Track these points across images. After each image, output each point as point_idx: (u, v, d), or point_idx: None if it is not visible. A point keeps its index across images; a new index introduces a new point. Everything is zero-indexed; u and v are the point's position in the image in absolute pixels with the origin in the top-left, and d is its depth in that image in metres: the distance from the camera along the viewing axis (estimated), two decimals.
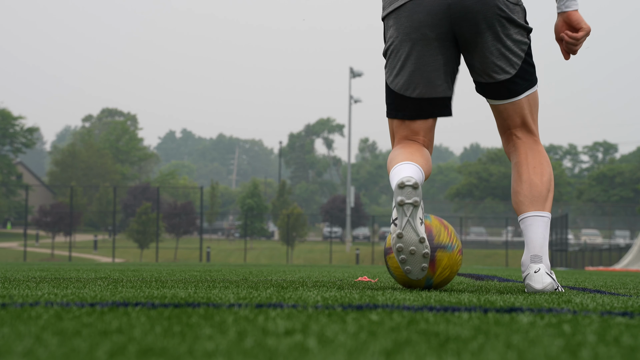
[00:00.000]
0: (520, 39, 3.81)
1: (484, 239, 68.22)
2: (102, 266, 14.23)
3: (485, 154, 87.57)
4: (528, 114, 3.91)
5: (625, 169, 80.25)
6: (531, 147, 3.92)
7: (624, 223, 75.49)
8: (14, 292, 3.29)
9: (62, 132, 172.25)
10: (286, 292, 3.40)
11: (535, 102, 3.92)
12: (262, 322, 1.96)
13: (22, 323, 1.90)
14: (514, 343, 1.63)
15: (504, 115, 3.94)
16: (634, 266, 31.19)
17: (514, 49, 3.80)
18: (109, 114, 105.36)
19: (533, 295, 3.48)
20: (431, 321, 2.04)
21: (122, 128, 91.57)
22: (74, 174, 79.11)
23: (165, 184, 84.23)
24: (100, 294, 3.18)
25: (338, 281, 4.99)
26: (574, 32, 3.91)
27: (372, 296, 3.15)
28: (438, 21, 3.71)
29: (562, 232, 46.60)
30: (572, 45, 3.90)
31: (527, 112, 3.91)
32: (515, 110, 3.90)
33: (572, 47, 3.90)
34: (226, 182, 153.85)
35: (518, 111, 3.90)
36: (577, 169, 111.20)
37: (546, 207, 3.83)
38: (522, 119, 3.91)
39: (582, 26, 3.87)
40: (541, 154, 3.92)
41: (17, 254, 51.37)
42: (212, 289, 3.66)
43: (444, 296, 3.24)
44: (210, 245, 59.75)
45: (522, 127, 3.94)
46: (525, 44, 3.83)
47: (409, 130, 3.87)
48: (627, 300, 3.21)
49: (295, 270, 9.80)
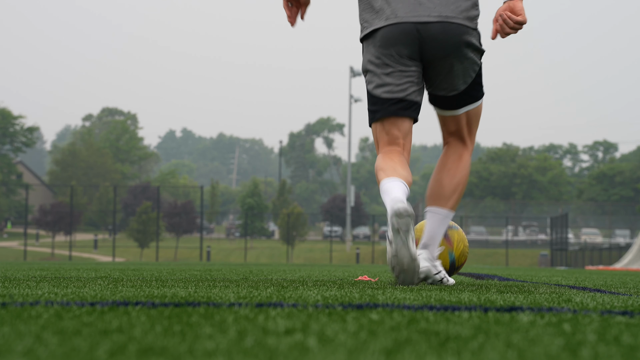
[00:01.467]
0: (474, 61, 4.28)
1: (484, 238, 68.22)
2: (102, 265, 14.23)
3: (485, 153, 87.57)
4: (464, 125, 4.43)
5: (625, 168, 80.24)
6: (456, 152, 4.45)
7: (624, 222, 75.48)
8: (14, 291, 3.29)
9: (62, 131, 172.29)
10: (286, 292, 3.40)
11: (475, 115, 4.42)
12: (263, 322, 1.96)
13: (22, 322, 1.90)
14: (514, 342, 1.63)
15: (444, 121, 4.50)
16: (634, 265, 31.19)
17: (468, 70, 4.28)
18: (109, 113, 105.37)
19: (533, 295, 3.48)
20: (431, 320, 2.04)
21: (122, 127, 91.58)
22: (74, 173, 79.12)
23: (165, 184, 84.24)
24: (100, 293, 3.18)
25: (338, 280, 4.99)
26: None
27: (373, 295, 3.15)
28: (410, 41, 4.22)
29: (562, 232, 46.60)
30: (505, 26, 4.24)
31: (464, 124, 4.43)
32: (454, 120, 4.44)
33: (505, 27, 4.25)
34: (226, 182, 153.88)
35: (456, 121, 4.43)
36: (577, 168, 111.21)
37: (447, 205, 4.38)
38: (458, 128, 4.45)
39: (522, 14, 4.26)
40: (462, 161, 4.43)
41: (17, 253, 51.38)
42: (212, 288, 3.66)
43: (444, 295, 3.24)
44: (211, 244, 59.77)
45: (455, 135, 4.48)
46: (477, 65, 4.31)
47: (390, 135, 4.31)
48: (627, 300, 3.21)
49: (296, 270, 9.80)
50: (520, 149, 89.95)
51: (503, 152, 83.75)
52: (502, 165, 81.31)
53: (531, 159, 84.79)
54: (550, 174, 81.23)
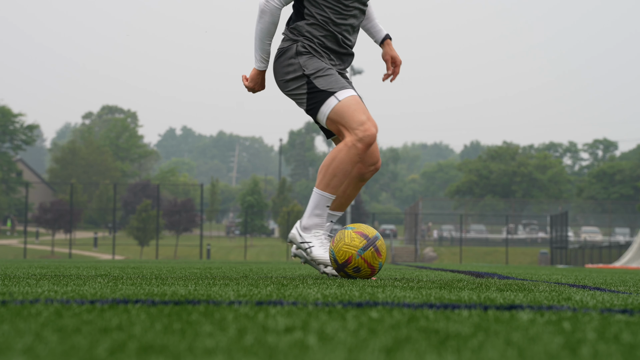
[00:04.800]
0: (298, 92, 4.96)
1: (484, 236, 68.20)
2: (102, 263, 14.23)
3: (485, 151, 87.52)
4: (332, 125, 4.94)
5: (625, 167, 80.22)
6: (338, 146, 4.92)
7: (623, 220, 75.49)
8: (14, 289, 3.29)
9: (62, 129, 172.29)
10: (286, 290, 3.40)
11: (336, 114, 4.87)
12: (262, 320, 1.96)
13: (22, 320, 1.90)
14: (514, 340, 1.63)
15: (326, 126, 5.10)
16: (634, 263, 31.19)
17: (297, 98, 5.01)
18: (109, 111, 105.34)
19: (533, 293, 3.48)
20: (431, 319, 2.04)
21: (122, 125, 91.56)
22: (74, 171, 79.11)
23: (165, 181, 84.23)
24: (100, 291, 3.18)
25: (338, 278, 4.99)
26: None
27: (372, 293, 3.15)
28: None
29: (562, 230, 46.60)
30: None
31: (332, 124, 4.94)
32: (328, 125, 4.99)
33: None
34: (226, 180, 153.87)
35: (329, 125, 4.98)
36: (577, 166, 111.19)
37: (320, 186, 4.92)
38: (336, 130, 4.98)
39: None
40: (339, 149, 4.88)
41: (17, 251, 51.39)
42: (212, 287, 3.66)
43: (444, 294, 3.24)
44: (211, 242, 59.77)
45: (339, 134, 5.01)
46: (303, 88, 4.93)
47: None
48: (626, 298, 3.21)
49: (296, 268, 9.80)
50: (520, 147, 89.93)
51: (503, 150, 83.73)
52: (502, 164, 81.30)
53: (531, 157, 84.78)
54: (550, 172, 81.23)
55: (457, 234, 63.91)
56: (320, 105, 4.91)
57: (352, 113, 4.85)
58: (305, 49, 4.97)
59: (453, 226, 70.08)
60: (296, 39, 5.01)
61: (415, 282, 4.65)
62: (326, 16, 4.95)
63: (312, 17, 4.98)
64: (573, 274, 9.40)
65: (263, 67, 5.19)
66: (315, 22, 4.98)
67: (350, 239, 4.83)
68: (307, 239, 5.00)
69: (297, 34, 5.01)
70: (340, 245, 4.84)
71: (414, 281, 4.74)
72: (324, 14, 4.95)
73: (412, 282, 4.63)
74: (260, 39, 5.07)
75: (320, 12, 4.96)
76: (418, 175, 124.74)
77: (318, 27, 4.98)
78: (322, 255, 4.99)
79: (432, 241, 65.66)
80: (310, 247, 5.00)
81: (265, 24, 5.05)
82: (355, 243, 4.81)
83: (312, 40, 4.98)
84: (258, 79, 5.21)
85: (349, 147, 4.85)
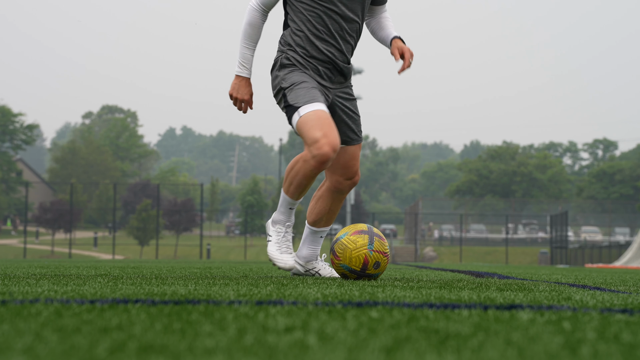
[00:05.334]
0: (281, 106, 4.93)
1: (484, 236, 68.20)
2: (102, 263, 14.23)
3: (485, 151, 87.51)
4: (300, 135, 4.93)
5: (625, 166, 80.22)
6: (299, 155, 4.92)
7: (623, 220, 75.47)
8: (14, 288, 3.29)
9: (62, 129, 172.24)
10: (286, 289, 3.40)
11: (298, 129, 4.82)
12: (262, 319, 1.96)
13: (22, 320, 1.90)
14: (513, 340, 1.63)
15: None
16: (634, 263, 31.19)
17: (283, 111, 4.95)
18: (109, 110, 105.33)
19: (533, 293, 3.49)
20: (431, 318, 2.04)
21: (122, 125, 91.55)
22: (74, 171, 79.11)
23: (165, 181, 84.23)
24: (100, 291, 3.18)
25: (338, 278, 4.99)
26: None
27: (372, 293, 3.15)
28: None
29: (562, 230, 46.59)
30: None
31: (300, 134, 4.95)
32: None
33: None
34: (226, 179, 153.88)
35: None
36: (577, 166, 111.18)
37: (284, 188, 5.04)
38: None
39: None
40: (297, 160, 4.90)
41: (17, 251, 51.39)
42: (212, 286, 3.66)
43: (444, 293, 3.24)
44: (210, 242, 59.78)
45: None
46: (282, 102, 4.91)
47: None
48: (626, 298, 3.21)
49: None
50: (520, 147, 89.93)
51: (503, 150, 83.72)
52: (502, 163, 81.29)
53: (531, 157, 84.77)
54: (550, 172, 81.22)
55: (457, 234, 63.92)
56: (290, 120, 4.88)
57: (308, 130, 4.72)
58: (290, 61, 4.88)
59: (453, 226, 70.08)
60: (282, 49, 4.93)
61: (415, 281, 4.65)
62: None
63: (295, 25, 4.89)
64: (573, 273, 9.40)
65: (239, 72, 5.04)
66: (298, 29, 4.88)
67: (353, 243, 4.79)
68: (270, 232, 5.20)
69: (283, 43, 4.93)
70: (348, 254, 4.79)
71: (414, 281, 4.75)
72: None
73: (412, 281, 4.63)
74: (240, 40, 5.01)
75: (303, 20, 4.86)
76: (418, 175, 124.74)
77: (302, 36, 4.87)
78: (273, 252, 5.13)
79: (432, 241, 65.68)
80: (269, 240, 5.18)
81: (244, 25, 5.00)
82: (360, 243, 4.79)
83: (296, 50, 4.87)
84: (237, 86, 5.05)
85: (304, 161, 4.83)
